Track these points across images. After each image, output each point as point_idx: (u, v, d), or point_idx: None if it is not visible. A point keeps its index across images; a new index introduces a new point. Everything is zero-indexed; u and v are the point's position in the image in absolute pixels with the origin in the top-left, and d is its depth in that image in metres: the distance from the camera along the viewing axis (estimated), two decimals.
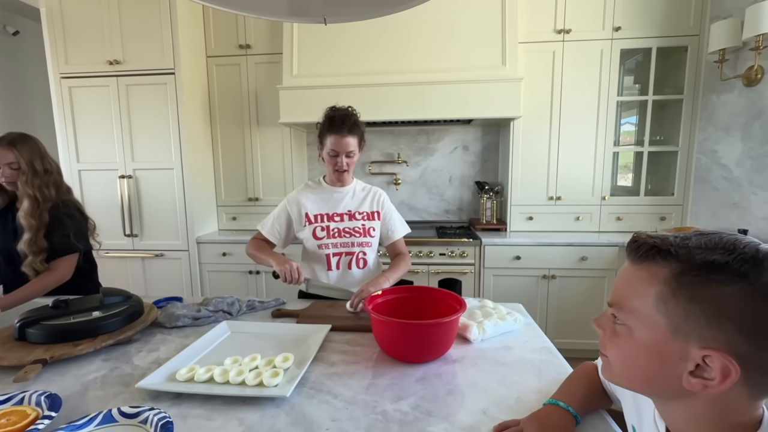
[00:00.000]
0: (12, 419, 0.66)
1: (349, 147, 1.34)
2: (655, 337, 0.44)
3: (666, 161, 2.58)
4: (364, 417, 0.69)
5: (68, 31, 2.46)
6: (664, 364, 0.44)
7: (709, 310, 0.41)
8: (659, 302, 0.44)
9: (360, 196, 1.46)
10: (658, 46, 2.38)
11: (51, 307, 1.01)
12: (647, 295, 0.45)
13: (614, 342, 0.49)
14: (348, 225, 1.41)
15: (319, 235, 1.39)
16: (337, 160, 1.36)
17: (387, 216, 1.48)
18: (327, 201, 1.43)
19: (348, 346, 0.98)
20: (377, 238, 1.45)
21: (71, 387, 0.81)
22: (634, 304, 0.46)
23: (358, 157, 1.43)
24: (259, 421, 0.69)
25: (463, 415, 0.70)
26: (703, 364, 0.42)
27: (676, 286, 0.43)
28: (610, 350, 0.50)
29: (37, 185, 1.40)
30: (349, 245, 1.40)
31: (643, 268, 0.46)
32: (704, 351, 0.41)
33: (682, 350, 0.43)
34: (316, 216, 1.40)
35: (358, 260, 1.40)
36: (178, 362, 0.86)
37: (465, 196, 2.96)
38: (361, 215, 1.43)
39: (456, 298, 0.99)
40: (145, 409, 0.68)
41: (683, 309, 0.42)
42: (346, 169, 1.38)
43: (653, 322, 0.44)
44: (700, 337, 0.41)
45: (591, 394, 0.71)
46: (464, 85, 2.34)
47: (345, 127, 1.32)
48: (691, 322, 0.42)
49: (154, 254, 2.60)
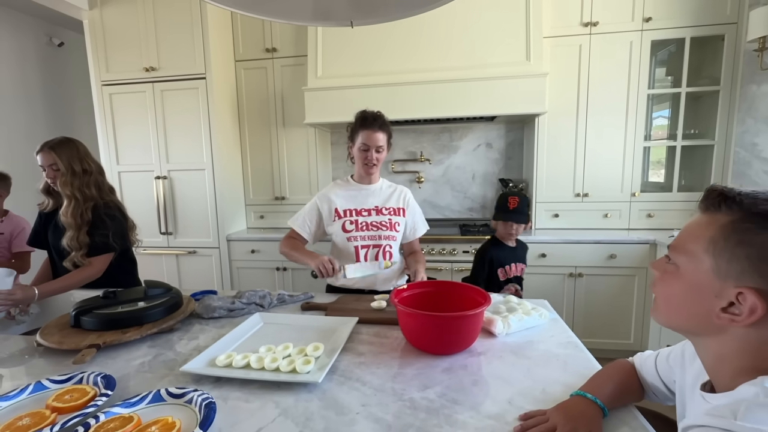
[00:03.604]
0: (74, 395, 0.74)
1: (378, 142, 1.42)
2: (698, 274, 0.50)
3: (701, 156, 2.48)
4: (392, 403, 0.72)
5: (108, 41, 2.61)
6: (701, 299, 0.50)
7: (754, 255, 0.45)
8: (710, 244, 0.49)
9: (386, 192, 1.53)
10: (692, 35, 2.29)
11: (101, 298, 1.09)
12: (701, 238, 0.50)
13: (662, 279, 0.55)
14: (375, 219, 1.46)
15: (348, 228, 1.45)
16: (368, 154, 1.43)
17: (411, 213, 1.54)
18: (355, 197, 1.49)
19: (375, 337, 1.02)
20: (402, 233, 1.51)
21: (122, 369, 0.88)
22: (688, 245, 0.52)
23: (385, 157, 1.49)
24: (293, 404, 0.73)
25: (489, 404, 0.72)
26: (735, 301, 0.46)
27: (730, 230, 0.47)
28: (658, 287, 0.55)
29: (77, 185, 1.48)
30: (376, 238, 1.45)
31: (708, 215, 0.51)
32: (739, 289, 0.46)
33: (720, 288, 0.48)
34: (345, 211, 1.47)
35: (385, 253, 1.45)
36: (216, 349, 0.91)
37: (489, 194, 2.94)
38: (388, 210, 1.48)
39: (481, 293, 1.00)
40: (190, 391, 0.74)
41: (730, 251, 0.47)
42: (375, 163, 1.45)
43: (700, 260, 0.50)
44: (738, 278, 0.46)
45: (621, 388, 0.72)
46: (488, 81, 2.33)
47: (376, 123, 1.42)
48: (734, 263, 0.47)
49: (187, 251, 2.72)
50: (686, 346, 0.66)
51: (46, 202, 1.58)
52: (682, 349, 0.67)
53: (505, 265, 1.64)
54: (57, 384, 0.79)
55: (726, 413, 0.43)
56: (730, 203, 0.48)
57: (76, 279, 1.45)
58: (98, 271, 1.51)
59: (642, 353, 0.79)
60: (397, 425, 0.66)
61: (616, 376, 0.74)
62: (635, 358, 0.79)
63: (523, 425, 0.64)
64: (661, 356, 0.73)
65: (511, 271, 1.65)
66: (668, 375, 0.70)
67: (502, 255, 1.66)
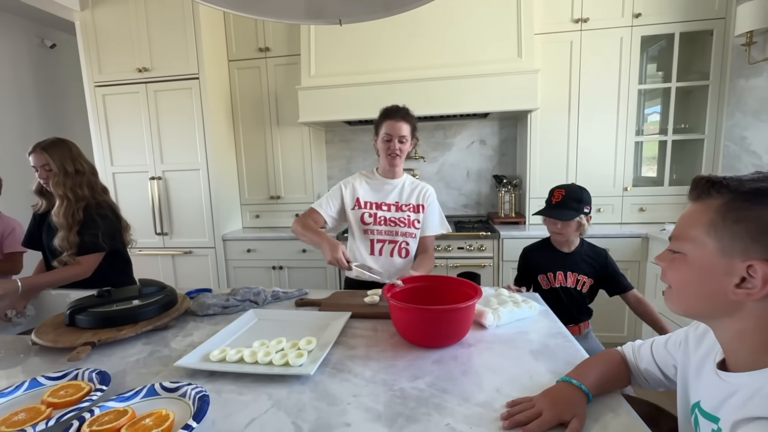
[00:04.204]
0: (69, 391, 0.74)
1: (401, 131, 1.43)
2: (705, 257, 0.52)
3: (691, 150, 2.50)
4: (383, 393, 0.74)
5: (101, 42, 2.60)
6: (713, 281, 0.51)
7: (753, 228, 0.48)
8: (710, 227, 0.51)
9: (408, 189, 1.53)
10: (681, 31, 2.31)
11: (96, 296, 1.10)
12: (700, 224, 0.53)
13: (672, 267, 0.57)
14: (395, 215, 1.48)
15: (366, 220, 1.47)
16: (390, 144, 1.44)
17: (429, 211, 1.53)
18: (378, 191, 1.51)
19: (367, 331, 1.03)
20: (420, 230, 1.51)
21: (117, 366, 0.89)
22: (689, 233, 0.54)
23: (410, 149, 1.50)
24: (286, 396, 0.74)
25: (477, 393, 0.73)
26: (747, 276, 0.48)
27: (725, 211, 0.50)
28: (669, 275, 0.58)
29: (69, 186, 1.49)
30: (393, 234, 1.47)
31: (700, 202, 0.54)
32: (748, 262, 0.48)
33: (728, 266, 0.50)
34: (366, 203, 1.49)
35: (401, 249, 1.47)
36: (210, 345, 0.93)
37: (483, 190, 2.96)
38: (408, 207, 1.50)
39: (472, 286, 1.02)
40: (184, 384, 0.75)
41: (730, 230, 0.50)
42: (398, 153, 1.45)
43: (704, 244, 0.52)
44: (743, 253, 0.49)
45: (607, 375, 0.74)
46: (480, 78, 2.34)
47: (398, 114, 1.44)
48: (736, 240, 0.49)
49: (183, 251, 2.73)
50: (689, 332, 0.67)
51: (39, 203, 1.58)
52: (684, 335, 0.69)
53: (548, 272, 1.42)
54: (52, 381, 0.80)
55: None
56: (719, 187, 0.51)
57: (62, 275, 1.45)
58: (86, 270, 1.51)
59: (633, 342, 0.81)
60: (387, 414, 0.67)
61: (603, 364, 0.76)
62: (626, 347, 0.81)
63: (509, 411, 0.66)
64: (657, 343, 0.75)
65: (556, 280, 1.41)
66: (665, 361, 0.72)
67: (545, 259, 1.44)
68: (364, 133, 3.04)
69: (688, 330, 0.68)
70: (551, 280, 1.43)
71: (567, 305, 1.41)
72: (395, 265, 1.48)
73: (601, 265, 1.43)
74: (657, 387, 0.76)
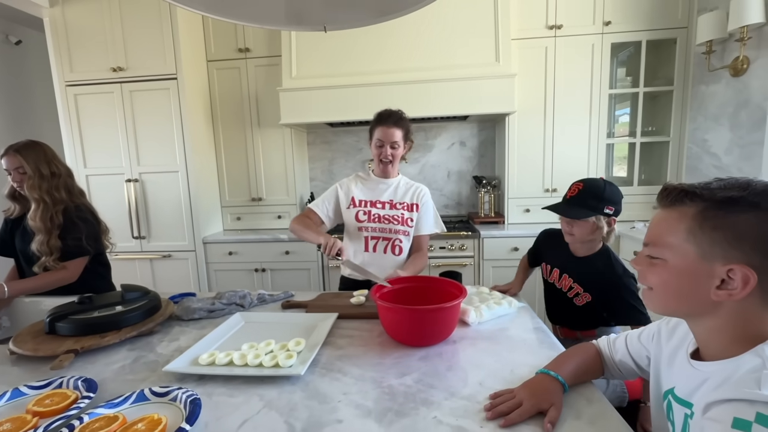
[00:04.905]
0: (55, 399, 0.74)
1: (393, 137, 1.45)
2: (687, 262, 0.55)
3: (658, 151, 2.64)
4: (372, 390, 0.77)
5: (72, 40, 2.52)
6: (695, 283, 0.54)
7: (730, 235, 0.51)
8: (689, 235, 0.54)
9: (403, 188, 1.56)
10: (647, 39, 2.44)
11: (77, 303, 1.08)
12: (679, 231, 0.55)
13: (653, 272, 0.59)
14: (389, 213, 1.51)
15: (360, 218, 1.50)
16: (382, 150, 1.47)
17: (423, 210, 1.56)
18: (372, 190, 1.55)
19: (355, 331, 1.06)
20: (414, 228, 1.55)
21: (103, 373, 0.88)
22: (668, 239, 0.57)
23: (404, 152, 1.53)
24: (277, 396, 0.76)
25: (462, 387, 0.77)
26: (727, 278, 0.52)
27: (702, 219, 0.53)
28: (651, 278, 0.60)
29: (45, 188, 1.45)
30: (387, 231, 1.50)
31: (674, 210, 0.57)
32: (728, 266, 0.51)
33: (709, 270, 0.53)
34: (360, 201, 1.52)
35: (394, 247, 1.50)
36: (198, 349, 0.93)
37: (463, 191, 3.03)
38: (402, 205, 1.52)
39: (457, 286, 1.06)
40: (174, 389, 0.75)
41: (708, 237, 0.53)
42: (390, 159, 1.49)
43: (684, 250, 0.55)
44: (723, 258, 0.52)
45: (583, 367, 0.79)
46: (459, 82, 2.40)
47: (391, 119, 1.45)
48: (715, 246, 0.52)
49: (161, 255, 2.67)
50: (661, 326, 0.73)
51: (12, 207, 1.53)
52: (657, 329, 0.74)
53: (549, 264, 1.34)
54: (35, 390, 0.79)
55: (750, 384, 0.47)
56: (692, 196, 0.54)
57: (49, 280, 1.42)
58: (73, 275, 1.48)
59: (608, 336, 0.86)
60: (376, 410, 0.70)
61: (578, 357, 0.81)
62: (601, 341, 0.86)
63: (492, 403, 0.70)
64: (631, 337, 0.81)
65: (551, 275, 1.32)
66: (639, 352, 0.78)
67: (553, 249, 1.33)
68: (346, 135, 3.05)
69: (661, 324, 0.74)
70: (547, 272, 1.36)
71: (559, 305, 1.32)
72: (388, 261, 1.51)
73: (606, 284, 1.18)
74: (629, 377, 0.82)
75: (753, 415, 0.43)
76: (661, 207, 0.60)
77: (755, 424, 0.43)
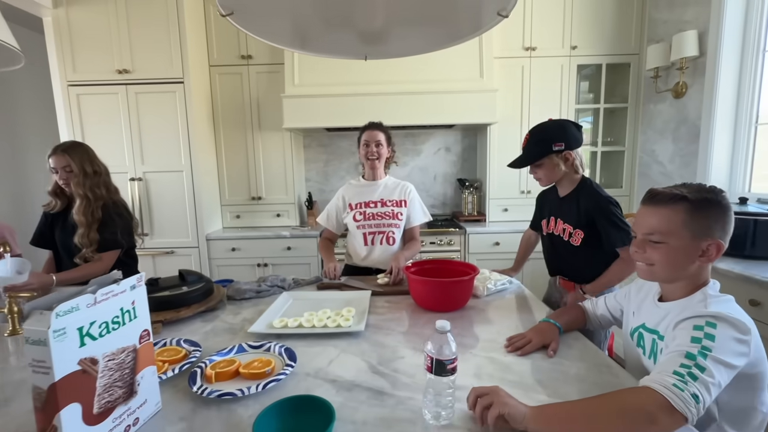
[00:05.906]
0: (171, 353, 0.92)
1: (377, 137, 1.75)
2: (684, 242, 0.78)
3: (615, 159, 3.06)
4: (418, 339, 1.01)
5: (75, 40, 2.57)
6: (687, 256, 0.79)
7: (711, 223, 0.77)
8: (684, 224, 0.78)
9: (391, 187, 1.82)
10: (607, 62, 2.84)
11: (147, 284, 1.24)
12: (677, 221, 0.78)
13: (657, 251, 0.81)
14: (381, 210, 1.75)
15: (357, 218, 1.75)
16: (369, 149, 1.74)
17: (411, 205, 1.81)
18: (363, 193, 1.80)
19: (387, 304, 1.29)
20: (404, 221, 1.79)
21: (193, 337, 1.06)
22: (669, 228, 0.79)
23: (387, 155, 1.80)
24: (348, 346, 0.98)
25: (485, 334, 1.03)
26: (706, 249, 0.77)
27: (692, 212, 0.77)
28: (655, 256, 0.81)
29: (89, 186, 1.59)
30: (381, 226, 1.74)
31: (665, 207, 0.79)
32: (707, 241, 0.77)
33: (697, 246, 0.78)
34: (356, 204, 1.77)
35: (389, 238, 1.75)
36: (268, 317, 1.13)
37: (448, 192, 3.33)
38: (391, 202, 1.77)
39: (469, 266, 1.32)
40: (266, 343, 0.96)
41: (698, 223, 0.77)
42: (376, 156, 1.75)
43: (682, 234, 0.78)
44: (705, 236, 0.77)
45: (573, 318, 1.08)
46: (447, 94, 2.69)
47: (374, 126, 1.78)
48: (702, 229, 0.77)
49: (164, 252, 2.76)
50: (631, 287, 1.01)
51: (53, 202, 1.63)
52: (627, 290, 1.02)
53: (545, 217, 1.39)
54: None
55: (700, 307, 0.75)
56: (680, 199, 0.77)
57: (88, 271, 1.55)
58: (107, 267, 1.60)
59: (592, 299, 1.15)
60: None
61: (570, 312, 1.11)
62: (585, 303, 1.15)
63: (509, 340, 0.97)
64: (609, 298, 1.10)
65: (548, 225, 1.36)
66: (615, 307, 1.07)
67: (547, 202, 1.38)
68: (340, 139, 3.27)
69: (630, 286, 1.03)
70: (545, 225, 1.38)
71: (558, 255, 1.34)
72: (385, 251, 1.75)
73: (588, 212, 1.22)
74: (607, 326, 1.12)
75: (704, 322, 0.71)
76: (650, 205, 0.82)
77: (705, 326, 0.71)
